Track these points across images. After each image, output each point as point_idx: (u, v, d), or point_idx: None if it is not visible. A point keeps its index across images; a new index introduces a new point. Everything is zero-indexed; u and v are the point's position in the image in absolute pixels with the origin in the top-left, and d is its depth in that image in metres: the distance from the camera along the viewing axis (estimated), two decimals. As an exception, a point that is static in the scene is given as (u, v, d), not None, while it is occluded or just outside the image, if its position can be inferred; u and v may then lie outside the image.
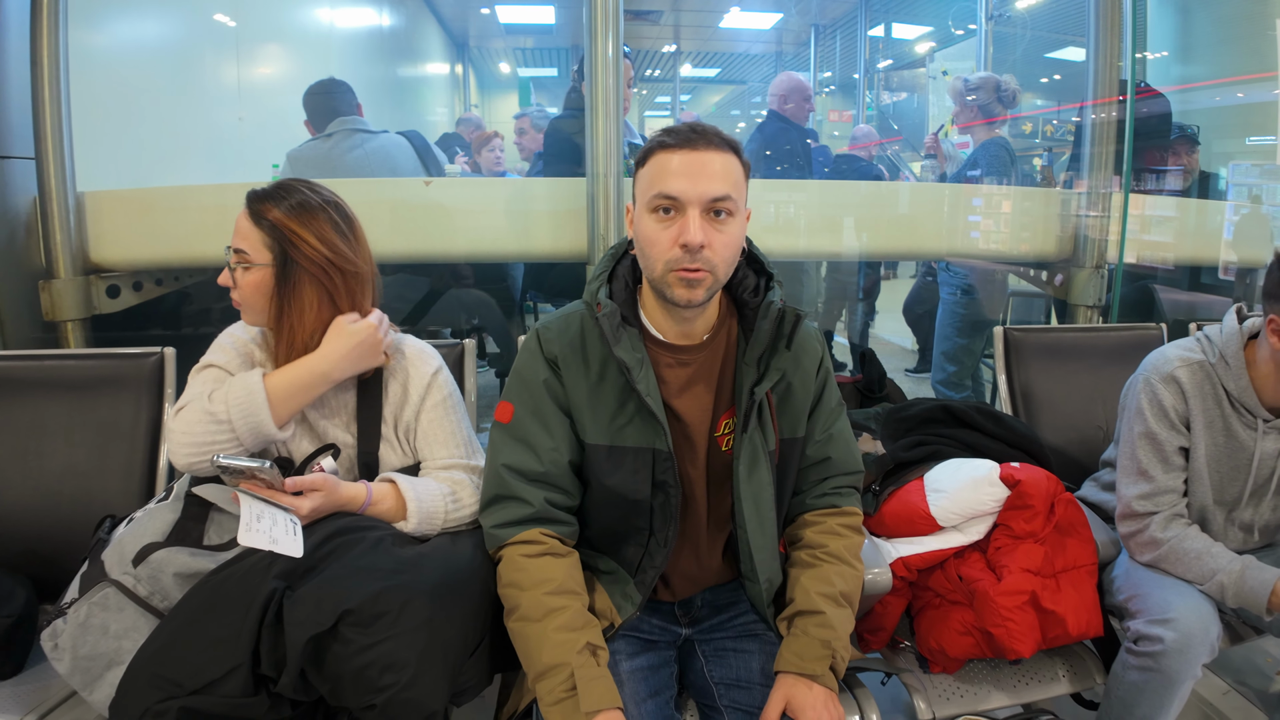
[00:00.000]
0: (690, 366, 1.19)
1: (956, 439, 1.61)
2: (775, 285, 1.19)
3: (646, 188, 1.10)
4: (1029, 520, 1.41)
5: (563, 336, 1.18)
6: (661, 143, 1.09)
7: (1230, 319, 1.52)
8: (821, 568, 1.21)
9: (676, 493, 1.16)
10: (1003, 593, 1.34)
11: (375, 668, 0.98)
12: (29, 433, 1.58)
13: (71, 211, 2.00)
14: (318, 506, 1.14)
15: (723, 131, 1.10)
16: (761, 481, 1.20)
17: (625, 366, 1.11)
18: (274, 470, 1.11)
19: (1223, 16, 3.53)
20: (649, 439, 1.15)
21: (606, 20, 2.01)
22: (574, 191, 2.11)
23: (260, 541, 1.04)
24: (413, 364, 1.33)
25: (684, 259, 1.06)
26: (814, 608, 1.16)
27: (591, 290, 1.17)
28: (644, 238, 1.10)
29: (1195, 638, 1.31)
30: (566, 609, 1.09)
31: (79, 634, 1.08)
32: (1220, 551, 1.42)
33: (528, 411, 1.18)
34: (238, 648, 0.98)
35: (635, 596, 1.20)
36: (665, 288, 1.10)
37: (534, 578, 1.11)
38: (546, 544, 1.14)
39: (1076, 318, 2.42)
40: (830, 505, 1.29)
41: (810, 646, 1.13)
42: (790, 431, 1.24)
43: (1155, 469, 1.48)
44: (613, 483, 1.16)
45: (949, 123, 3.83)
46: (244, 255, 1.22)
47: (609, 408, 1.16)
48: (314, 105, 2.57)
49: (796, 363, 1.21)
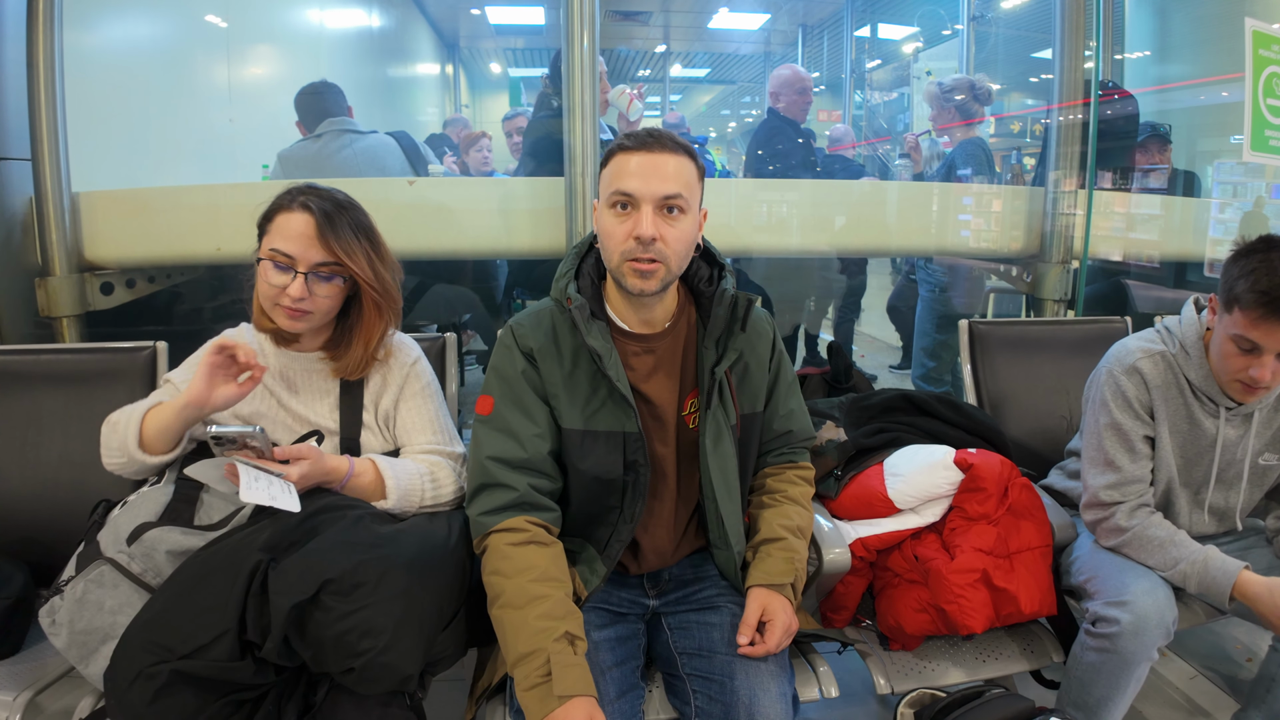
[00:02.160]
0: (655, 353, 1.29)
1: (917, 426, 1.67)
2: (727, 275, 1.29)
3: (607, 185, 1.20)
4: (982, 503, 1.46)
5: (536, 330, 1.26)
6: (621, 145, 1.19)
7: (1189, 309, 1.54)
8: (782, 506, 1.36)
9: (647, 470, 1.25)
10: (955, 570, 1.39)
11: (354, 634, 1.04)
12: (27, 424, 1.62)
13: (66, 211, 2.04)
14: (306, 473, 1.19)
15: (678, 136, 1.21)
16: (726, 453, 1.30)
17: (596, 354, 1.19)
18: (264, 435, 1.16)
19: (1201, 17, 3.58)
20: (620, 422, 1.24)
21: (583, 23, 2.04)
22: (553, 190, 2.17)
23: (261, 498, 1.10)
24: (394, 354, 1.38)
25: (637, 250, 1.16)
26: (776, 535, 1.31)
27: (560, 287, 1.26)
28: (603, 230, 1.20)
29: (1150, 620, 1.34)
30: (549, 597, 1.13)
31: (76, 610, 1.12)
32: (1184, 540, 1.44)
33: (508, 402, 1.25)
34: (225, 615, 1.03)
35: (600, 570, 1.28)
36: (621, 277, 1.20)
37: (518, 565, 1.15)
38: (531, 532, 1.19)
39: (1045, 312, 2.47)
40: (788, 460, 1.45)
41: (776, 563, 1.28)
42: (750, 407, 1.35)
43: (1122, 459, 1.50)
44: (586, 465, 1.24)
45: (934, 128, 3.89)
46: (334, 267, 1.25)
47: (582, 394, 1.25)
48: (305, 106, 2.62)
49: (751, 344, 1.33)
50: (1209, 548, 1.43)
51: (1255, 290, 1.32)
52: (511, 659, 1.10)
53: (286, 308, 1.25)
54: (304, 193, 1.27)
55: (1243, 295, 1.34)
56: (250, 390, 1.26)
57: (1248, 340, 1.36)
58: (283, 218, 1.25)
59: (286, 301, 1.24)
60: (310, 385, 1.35)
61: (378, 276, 1.28)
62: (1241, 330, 1.36)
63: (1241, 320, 1.36)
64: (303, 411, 1.33)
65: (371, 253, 1.28)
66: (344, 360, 1.32)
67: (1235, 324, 1.37)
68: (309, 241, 1.23)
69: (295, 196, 1.27)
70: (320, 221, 1.24)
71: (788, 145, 3.34)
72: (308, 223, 1.24)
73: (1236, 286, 1.36)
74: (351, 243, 1.25)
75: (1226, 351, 1.41)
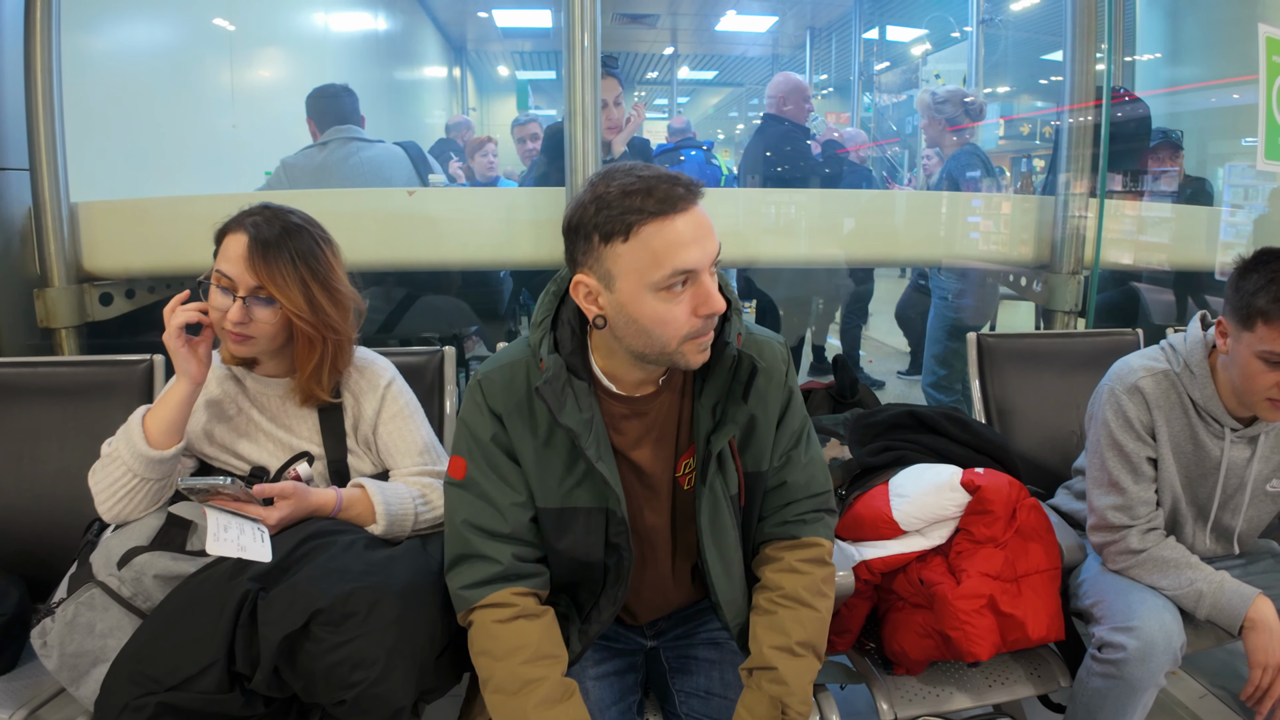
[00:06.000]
0: (646, 415, 1.13)
1: (923, 444, 1.64)
2: (733, 316, 1.08)
3: (649, 266, 0.95)
4: (989, 525, 1.43)
5: (506, 393, 1.09)
6: (656, 211, 0.94)
7: (1195, 327, 1.50)
8: (777, 614, 1.14)
9: (630, 555, 1.12)
10: (960, 596, 1.36)
11: (345, 665, 1.02)
12: (24, 437, 1.62)
13: (65, 222, 2.03)
14: (286, 516, 1.18)
15: (683, 174, 1.00)
16: (724, 526, 1.16)
17: (573, 434, 1.03)
18: (236, 485, 1.15)
19: (1213, 20, 3.54)
20: (601, 499, 1.10)
21: (584, 28, 2.00)
22: (554, 200, 2.15)
23: (228, 550, 1.09)
24: (365, 377, 1.36)
25: (704, 327, 0.99)
26: (765, 663, 1.11)
27: (534, 340, 1.08)
28: (652, 319, 0.98)
29: (1158, 646, 1.31)
30: (544, 680, 1.04)
31: (66, 632, 1.12)
32: (1198, 563, 1.42)
33: (483, 469, 1.11)
34: (213, 646, 1.02)
35: (576, 647, 1.16)
36: (677, 358, 1.01)
37: (507, 646, 1.06)
38: (518, 605, 1.09)
39: (1055, 323, 2.44)
40: (790, 536, 1.20)
41: (760, 702, 1.10)
42: (755, 465, 1.17)
43: (1126, 479, 1.47)
44: (563, 545, 1.12)
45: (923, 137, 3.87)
46: (267, 291, 1.21)
47: (557, 471, 1.10)
48: (318, 108, 2.61)
49: (759, 399, 1.13)
50: (1223, 573, 1.40)
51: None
52: None
53: (229, 331, 1.22)
54: (253, 214, 1.24)
55: (1267, 308, 1.30)
56: (210, 338, 1.26)
57: (1277, 353, 1.32)
58: (230, 238, 1.23)
59: (228, 325, 1.21)
60: (286, 410, 1.33)
61: (312, 306, 1.22)
62: (1270, 345, 1.32)
63: (1268, 334, 1.31)
64: (285, 437, 1.32)
65: (310, 281, 1.23)
66: (296, 387, 1.30)
67: (1261, 339, 1.32)
68: (246, 265, 1.20)
69: (245, 217, 1.24)
70: (252, 246, 1.20)
71: (796, 148, 3.31)
72: (247, 245, 1.21)
73: (1256, 301, 1.32)
74: (286, 270, 1.20)
75: (1253, 370, 1.36)
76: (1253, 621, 1.35)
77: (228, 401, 1.33)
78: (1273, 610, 1.35)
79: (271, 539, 1.16)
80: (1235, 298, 1.37)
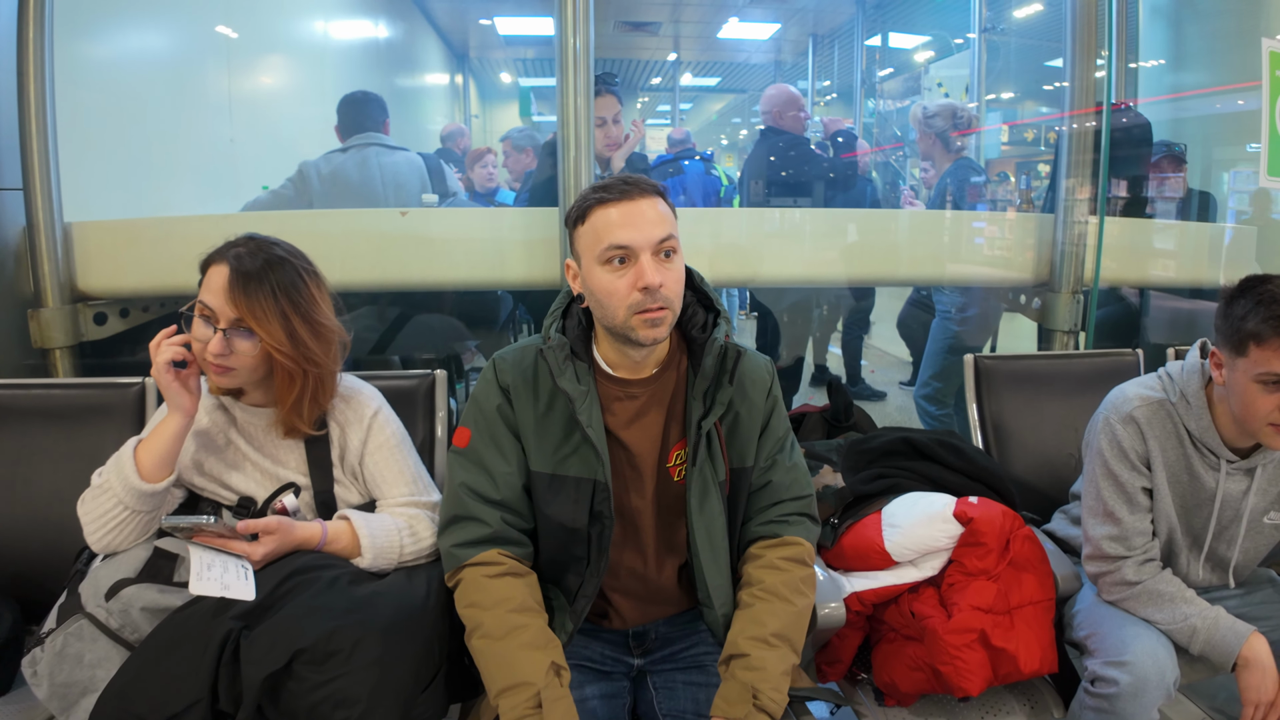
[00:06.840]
0: (639, 399, 1.25)
1: (917, 472, 1.63)
2: (721, 322, 1.24)
3: (593, 243, 1.15)
4: (982, 557, 1.42)
5: (516, 367, 1.24)
6: (600, 199, 1.15)
7: (1193, 355, 1.49)
8: (755, 607, 1.21)
9: (611, 524, 1.21)
10: (951, 630, 1.35)
11: (328, 704, 1.02)
12: (17, 459, 1.61)
13: (59, 242, 2.03)
14: (270, 551, 1.18)
15: (645, 178, 1.18)
16: (713, 511, 1.25)
17: (569, 397, 1.17)
18: (219, 523, 1.15)
19: (1215, 30, 3.53)
20: (590, 470, 1.20)
21: (575, 29, 2.01)
22: (547, 220, 2.14)
23: (211, 589, 1.08)
24: (350, 406, 1.35)
25: (645, 300, 1.12)
26: (739, 651, 1.17)
27: (546, 325, 1.24)
28: (601, 290, 1.15)
29: (1150, 681, 1.30)
30: (529, 627, 1.13)
31: (55, 663, 1.12)
32: (1193, 597, 1.41)
33: (484, 438, 1.23)
34: (196, 684, 1.02)
35: (569, 626, 1.24)
36: (629, 331, 1.15)
37: (495, 596, 1.15)
38: (506, 564, 1.19)
39: (1053, 342, 2.42)
40: (773, 535, 1.29)
41: (733, 689, 1.15)
42: (739, 461, 1.28)
43: (1121, 510, 1.46)
44: (551, 511, 1.21)
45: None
46: (247, 323, 1.21)
47: (554, 438, 1.22)
48: (344, 115, 2.68)
49: (743, 394, 1.27)
50: (1219, 608, 1.39)
51: (1272, 319, 1.28)
52: (495, 690, 1.10)
53: (210, 363, 1.22)
54: (237, 245, 1.25)
55: (1258, 329, 1.29)
56: (197, 370, 1.26)
57: (1275, 374, 1.30)
58: (213, 269, 1.23)
59: (209, 356, 1.21)
60: (273, 440, 1.32)
61: (292, 340, 1.22)
62: (1265, 366, 1.30)
63: (1262, 355, 1.30)
64: (271, 468, 1.32)
65: (291, 314, 1.22)
66: (278, 419, 1.29)
67: (1256, 363, 1.31)
68: (227, 297, 1.21)
69: (229, 249, 1.24)
70: (233, 278, 1.21)
71: (797, 159, 3.29)
72: (228, 277, 1.21)
73: (1246, 325, 1.31)
74: (266, 303, 1.20)
75: (1251, 396, 1.34)
76: (1246, 660, 1.34)
77: (217, 432, 1.33)
78: (1266, 648, 1.34)
79: (255, 575, 1.15)
80: (1225, 326, 1.36)
